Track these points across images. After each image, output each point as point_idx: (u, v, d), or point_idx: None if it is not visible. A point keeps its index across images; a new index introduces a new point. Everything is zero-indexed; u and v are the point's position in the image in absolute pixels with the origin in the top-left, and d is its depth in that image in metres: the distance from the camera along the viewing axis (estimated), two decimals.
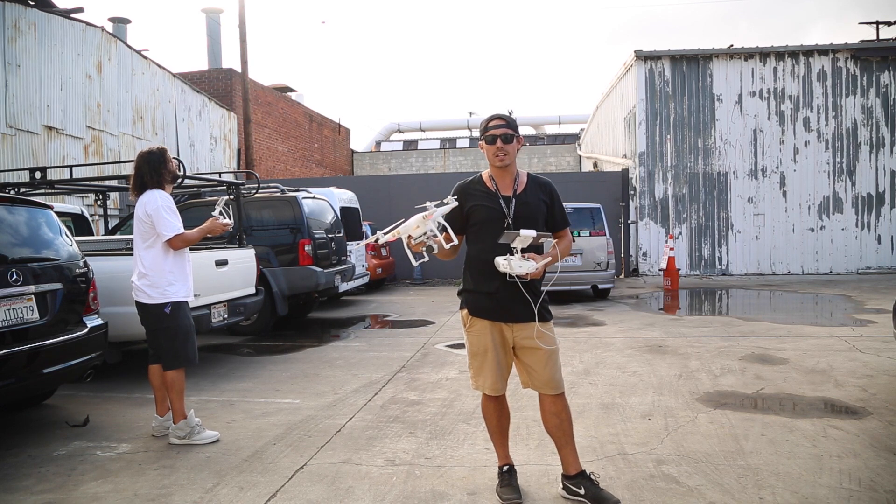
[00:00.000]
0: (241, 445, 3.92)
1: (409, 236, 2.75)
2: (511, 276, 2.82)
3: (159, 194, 4.03)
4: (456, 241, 2.87)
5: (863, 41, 15.91)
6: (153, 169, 4.08)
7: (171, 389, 4.02)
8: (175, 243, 4.00)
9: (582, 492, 2.98)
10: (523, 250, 2.80)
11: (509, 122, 2.98)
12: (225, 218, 4.31)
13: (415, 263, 2.84)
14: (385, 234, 2.79)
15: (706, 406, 4.48)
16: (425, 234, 2.74)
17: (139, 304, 4.04)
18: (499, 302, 2.95)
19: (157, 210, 3.96)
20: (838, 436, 3.80)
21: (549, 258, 2.85)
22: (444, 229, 2.82)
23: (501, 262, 2.79)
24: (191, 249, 4.29)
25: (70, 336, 4.13)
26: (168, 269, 4.02)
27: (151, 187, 4.06)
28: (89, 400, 5.02)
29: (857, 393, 4.70)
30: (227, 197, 4.68)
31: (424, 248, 2.76)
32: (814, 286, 12.25)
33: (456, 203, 2.86)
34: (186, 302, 4.12)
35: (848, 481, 3.16)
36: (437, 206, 2.78)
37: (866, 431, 3.86)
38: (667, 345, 6.72)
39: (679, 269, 12.31)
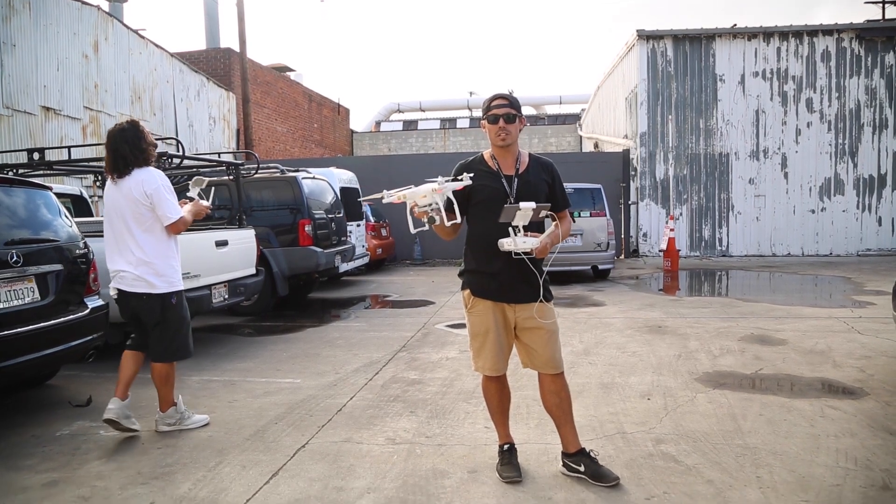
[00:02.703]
0: (242, 424, 3.95)
1: (415, 203, 2.74)
2: (517, 254, 2.81)
3: (157, 173, 3.70)
4: (459, 220, 2.87)
5: (868, 21, 15.74)
6: (133, 146, 3.67)
7: (165, 382, 3.79)
8: (178, 226, 3.71)
9: (582, 469, 3.01)
10: (525, 229, 2.80)
11: (512, 102, 2.97)
12: (205, 200, 4.07)
13: (413, 231, 2.83)
14: (391, 195, 2.77)
15: (705, 386, 4.51)
16: (430, 205, 2.74)
17: (136, 295, 3.67)
18: (501, 282, 2.95)
19: (158, 190, 3.63)
20: (836, 416, 3.82)
21: (552, 235, 2.86)
22: (450, 205, 2.81)
23: (505, 242, 2.79)
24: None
25: (71, 317, 4.14)
26: (172, 254, 3.75)
27: (139, 166, 3.69)
28: (91, 380, 5.04)
29: (855, 374, 4.73)
30: (206, 179, 4.26)
31: (426, 219, 2.76)
32: (814, 268, 12.26)
33: (470, 182, 2.83)
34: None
35: (844, 460, 3.18)
36: (447, 181, 2.77)
37: (863, 412, 3.89)
38: (666, 325, 6.74)
39: (679, 250, 12.31)
